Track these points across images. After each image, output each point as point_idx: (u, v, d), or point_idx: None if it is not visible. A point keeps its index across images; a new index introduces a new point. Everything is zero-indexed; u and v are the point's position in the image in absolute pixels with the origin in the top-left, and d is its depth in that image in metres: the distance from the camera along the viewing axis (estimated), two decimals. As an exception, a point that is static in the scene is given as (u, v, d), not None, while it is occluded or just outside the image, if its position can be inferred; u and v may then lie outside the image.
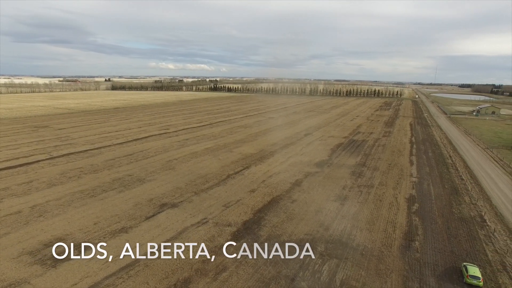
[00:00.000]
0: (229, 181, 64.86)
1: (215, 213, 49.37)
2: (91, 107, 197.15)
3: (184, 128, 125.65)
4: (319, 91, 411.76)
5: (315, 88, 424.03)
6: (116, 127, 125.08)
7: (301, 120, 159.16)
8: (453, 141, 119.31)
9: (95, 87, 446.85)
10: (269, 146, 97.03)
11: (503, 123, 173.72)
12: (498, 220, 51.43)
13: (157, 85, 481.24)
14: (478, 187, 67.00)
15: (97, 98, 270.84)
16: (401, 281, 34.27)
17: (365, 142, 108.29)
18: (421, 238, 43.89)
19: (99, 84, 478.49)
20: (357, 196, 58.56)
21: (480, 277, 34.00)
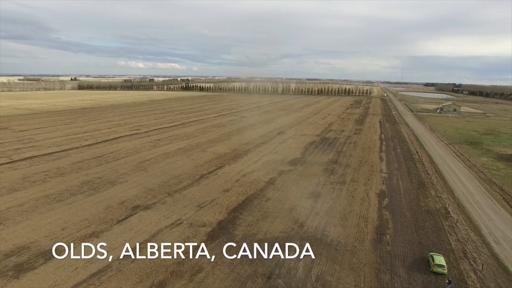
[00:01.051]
0: (203, 181, 64.25)
1: (189, 214, 48.76)
2: (56, 108, 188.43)
3: (156, 128, 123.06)
4: (291, 90, 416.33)
5: (287, 87, 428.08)
6: (84, 128, 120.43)
7: (274, 119, 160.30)
8: (419, 137, 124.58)
9: (60, 87, 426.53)
10: (243, 145, 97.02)
11: (464, 120, 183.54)
12: (460, 211, 54.33)
13: (127, 85, 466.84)
14: (442, 180, 70.37)
15: (62, 98, 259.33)
16: (374, 274, 35.38)
17: (337, 140, 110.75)
18: (392, 232, 45.52)
19: (64, 84, 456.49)
20: (330, 193, 59.79)
21: (445, 265, 35.91)
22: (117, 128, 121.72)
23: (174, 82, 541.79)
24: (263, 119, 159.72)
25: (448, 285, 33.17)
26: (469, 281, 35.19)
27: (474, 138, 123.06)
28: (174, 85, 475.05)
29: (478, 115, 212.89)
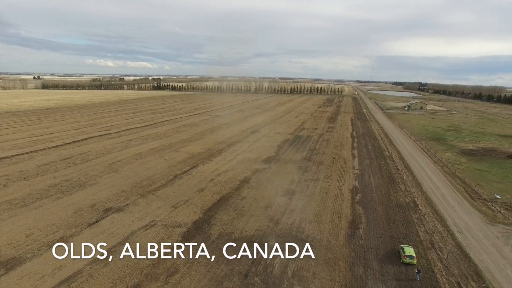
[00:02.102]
0: (177, 181, 63.31)
1: (164, 215, 47.90)
2: (18, 108, 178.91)
3: (127, 129, 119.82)
4: (264, 89, 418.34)
5: (260, 86, 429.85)
6: (49, 129, 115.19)
7: (247, 118, 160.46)
8: (389, 134, 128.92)
9: (22, 86, 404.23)
10: (217, 145, 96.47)
11: (429, 117, 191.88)
12: (428, 204, 56.81)
13: (96, 84, 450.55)
14: (411, 175, 73.21)
15: (24, 97, 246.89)
16: (348, 268, 36.29)
17: (310, 138, 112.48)
18: (364, 226, 46.85)
19: (26, 82, 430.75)
20: (304, 190, 60.66)
21: (414, 256, 37.58)
22: (86, 129, 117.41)
23: (145, 81, 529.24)
24: (236, 118, 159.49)
25: (417, 275, 34.64)
26: (436, 269, 36.92)
27: (439, 135, 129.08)
28: (145, 84, 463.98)
29: (442, 113, 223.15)
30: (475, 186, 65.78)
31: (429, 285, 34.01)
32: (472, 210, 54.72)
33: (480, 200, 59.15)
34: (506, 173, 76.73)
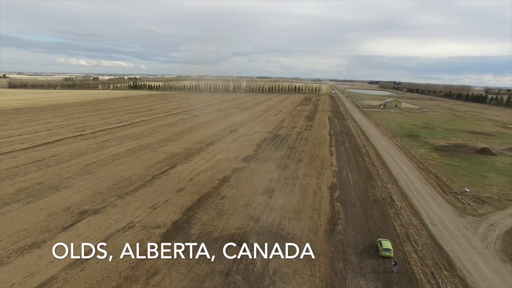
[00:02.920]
0: (155, 181, 62.29)
1: (142, 216, 47.03)
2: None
3: (103, 129, 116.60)
4: (242, 88, 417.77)
5: (238, 85, 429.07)
6: (18, 131, 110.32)
7: (226, 117, 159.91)
8: (365, 132, 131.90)
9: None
10: (195, 144, 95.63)
11: (404, 115, 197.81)
12: (403, 198, 58.62)
13: (68, 83, 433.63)
14: (387, 171, 75.24)
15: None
16: (328, 263, 36.90)
17: (288, 136, 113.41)
18: (343, 222, 47.76)
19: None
20: (284, 188, 61.12)
21: (391, 249, 38.80)
22: (58, 130, 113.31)
23: (121, 80, 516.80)
24: (215, 117, 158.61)
25: (394, 267, 35.72)
26: (411, 261, 38.23)
27: (413, 132, 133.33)
28: (121, 84, 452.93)
29: (415, 111, 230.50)
30: (447, 181, 68.41)
31: (405, 276, 35.15)
32: (444, 203, 56.92)
33: (451, 194, 61.62)
34: (474, 167, 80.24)
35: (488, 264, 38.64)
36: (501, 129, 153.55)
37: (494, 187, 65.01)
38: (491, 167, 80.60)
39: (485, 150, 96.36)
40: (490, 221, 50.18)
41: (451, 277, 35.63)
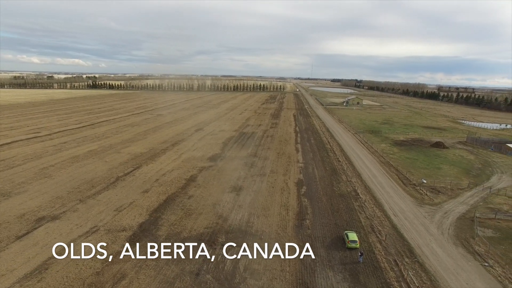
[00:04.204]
0: (119, 183, 60.09)
1: (106, 219, 45.19)
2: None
3: (60, 131, 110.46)
4: (207, 87, 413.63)
5: (203, 84, 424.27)
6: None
7: (191, 116, 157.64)
8: (330, 128, 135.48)
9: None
10: (160, 144, 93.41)
11: (365, 112, 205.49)
12: (367, 192, 60.93)
13: (18, 82, 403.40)
14: (351, 166, 77.77)
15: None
16: (297, 257, 37.45)
17: (254, 134, 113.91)
18: (311, 216, 48.77)
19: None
20: (252, 185, 61.32)
21: (357, 240, 40.23)
22: (9, 132, 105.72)
23: (79, 79, 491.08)
24: (180, 116, 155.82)
25: (360, 257, 37.06)
26: (376, 250, 39.90)
27: (375, 127, 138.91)
28: (79, 83, 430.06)
29: (376, 107, 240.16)
30: (406, 173, 72.00)
31: (371, 266, 36.58)
32: (404, 195, 59.88)
33: (411, 185, 64.96)
34: (430, 160, 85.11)
35: (443, 248, 41.28)
36: (452, 124, 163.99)
37: (448, 178, 69.32)
38: (444, 159, 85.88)
39: (439, 143, 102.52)
40: (444, 209, 53.52)
41: (412, 263, 37.62)
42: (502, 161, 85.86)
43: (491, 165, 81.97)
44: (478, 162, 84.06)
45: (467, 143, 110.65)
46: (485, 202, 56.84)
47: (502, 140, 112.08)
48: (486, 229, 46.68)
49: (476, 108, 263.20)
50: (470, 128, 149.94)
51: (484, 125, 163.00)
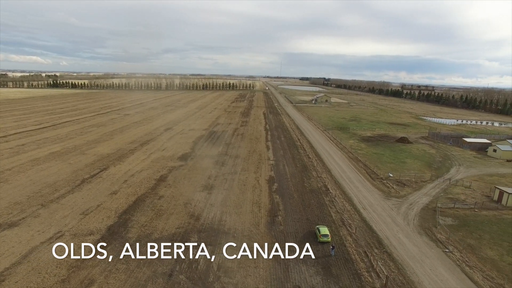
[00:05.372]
0: (85, 186, 57.60)
1: (72, 224, 43.15)
2: None
3: (18, 132, 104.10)
4: (175, 86, 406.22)
5: (171, 83, 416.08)
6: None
7: (159, 115, 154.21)
8: (299, 126, 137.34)
9: None
10: (128, 144, 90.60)
11: (334, 109, 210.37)
12: (337, 187, 62.37)
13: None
14: (321, 162, 79.27)
15: None
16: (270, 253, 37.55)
17: (225, 133, 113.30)
18: (283, 213, 49.19)
19: None
20: (223, 184, 60.93)
21: (329, 234, 41.09)
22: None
23: (37, 78, 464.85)
24: (148, 116, 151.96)
25: (332, 250, 37.89)
26: (347, 243, 40.97)
27: (343, 124, 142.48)
28: (38, 81, 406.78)
29: (344, 105, 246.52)
30: (374, 168, 74.45)
31: (342, 258, 37.50)
32: (372, 189, 61.89)
33: (378, 179, 67.25)
34: (396, 154, 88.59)
35: (409, 238, 43.20)
36: (415, 120, 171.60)
37: (412, 171, 72.48)
38: (409, 154, 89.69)
39: (404, 139, 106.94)
40: (409, 201, 55.94)
41: (381, 254, 39.00)
42: (459, 154, 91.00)
43: (450, 158, 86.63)
44: (438, 156, 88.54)
45: (428, 138, 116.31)
46: (445, 193, 60.00)
47: (459, 134, 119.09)
48: (446, 218, 49.33)
49: (436, 105, 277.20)
50: (431, 124, 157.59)
51: (443, 121, 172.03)
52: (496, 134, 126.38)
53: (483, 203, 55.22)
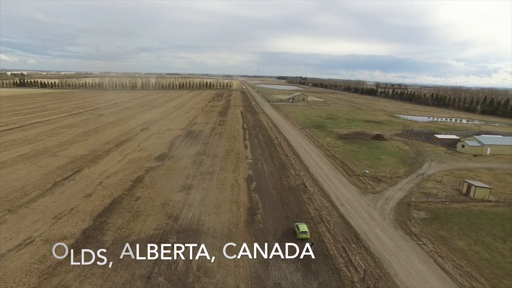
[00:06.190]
0: (57, 189, 55.44)
1: (43, 229, 41.41)
2: None
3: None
4: (151, 85, 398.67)
5: (147, 82, 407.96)
6: None
7: (135, 115, 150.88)
8: (277, 124, 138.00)
9: None
10: (103, 145, 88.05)
11: (311, 108, 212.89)
12: (315, 184, 63.11)
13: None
14: (299, 160, 79.99)
15: None
16: (251, 251, 37.49)
17: (202, 132, 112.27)
18: (262, 211, 49.25)
19: None
20: (201, 183, 60.33)
21: (308, 231, 41.46)
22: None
23: (2, 77, 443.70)
24: (123, 116, 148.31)
25: (311, 247, 38.20)
26: (325, 239, 41.54)
27: (320, 122, 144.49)
28: (2, 80, 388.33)
29: (321, 103, 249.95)
30: (350, 165, 75.88)
31: (321, 254, 37.97)
32: (349, 185, 63.07)
33: (355, 176, 68.60)
34: (372, 151, 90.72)
35: (385, 232, 44.34)
36: (389, 117, 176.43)
37: (387, 167, 74.45)
38: (384, 151, 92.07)
39: (379, 136, 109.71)
40: (385, 196, 57.41)
41: (358, 248, 39.81)
42: (431, 150, 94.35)
43: (422, 154, 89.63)
44: (412, 152, 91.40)
45: (402, 135, 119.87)
46: (419, 188, 62.02)
47: (431, 131, 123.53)
48: (420, 212, 51.01)
49: (409, 103, 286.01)
50: (404, 121, 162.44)
51: (416, 118, 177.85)
52: (464, 131, 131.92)
53: (453, 196, 57.54)
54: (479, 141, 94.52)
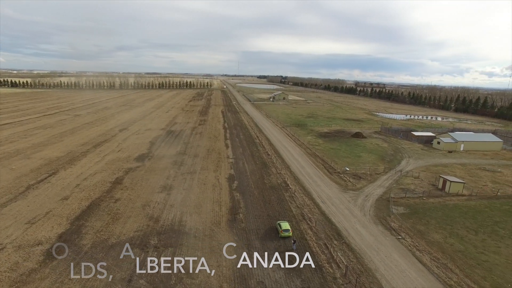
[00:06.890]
0: (31, 192, 53.34)
1: (16, 234, 39.71)
2: None
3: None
4: (130, 85, 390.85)
5: (125, 82, 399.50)
6: None
7: (113, 115, 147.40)
8: (258, 123, 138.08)
9: None
10: (80, 146, 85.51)
11: (291, 107, 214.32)
12: (296, 182, 63.48)
13: None
14: (280, 159, 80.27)
15: None
16: (233, 251, 37.30)
17: (183, 132, 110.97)
18: (244, 210, 49.10)
19: None
20: (182, 184, 59.58)
21: (290, 229, 41.63)
22: None
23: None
24: (101, 116, 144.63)
25: (294, 245, 38.44)
26: (307, 237, 41.84)
27: (300, 121, 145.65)
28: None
29: (301, 102, 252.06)
30: (331, 162, 76.82)
31: (303, 251, 38.04)
32: (330, 183, 63.81)
33: (335, 173, 69.48)
34: (352, 149, 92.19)
35: (366, 228, 45.13)
36: (368, 115, 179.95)
37: (367, 164, 75.83)
38: (363, 148, 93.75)
39: (359, 134, 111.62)
40: (365, 193, 58.43)
41: (340, 245, 40.32)
42: (409, 147, 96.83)
43: (400, 151, 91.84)
44: (390, 149, 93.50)
45: (381, 132, 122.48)
46: (398, 184, 63.49)
47: (408, 129, 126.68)
48: (399, 207, 52.22)
49: (387, 102, 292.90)
50: (383, 119, 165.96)
51: (394, 116, 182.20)
52: (439, 128, 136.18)
53: (430, 192, 59.25)
54: (453, 138, 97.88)
